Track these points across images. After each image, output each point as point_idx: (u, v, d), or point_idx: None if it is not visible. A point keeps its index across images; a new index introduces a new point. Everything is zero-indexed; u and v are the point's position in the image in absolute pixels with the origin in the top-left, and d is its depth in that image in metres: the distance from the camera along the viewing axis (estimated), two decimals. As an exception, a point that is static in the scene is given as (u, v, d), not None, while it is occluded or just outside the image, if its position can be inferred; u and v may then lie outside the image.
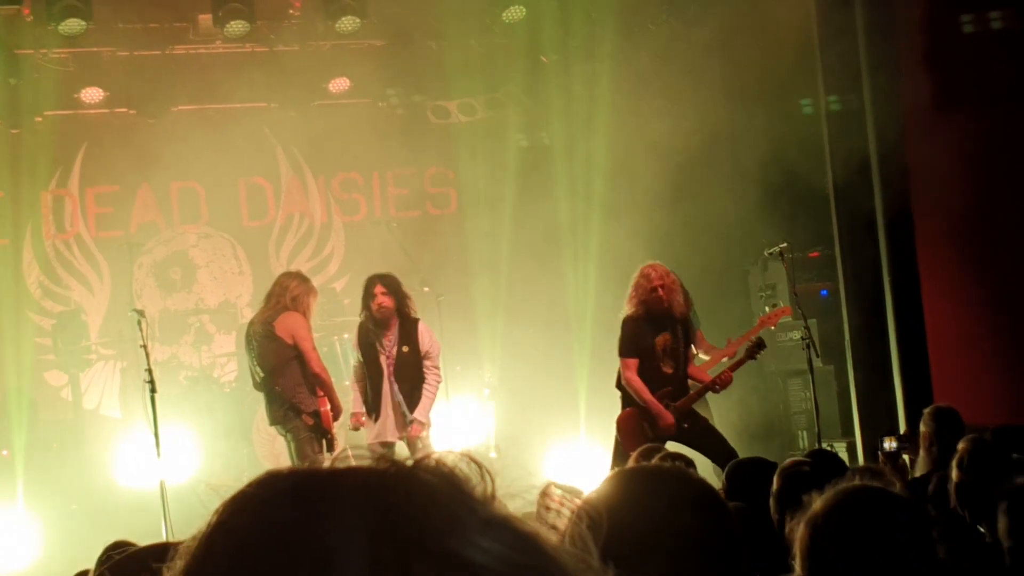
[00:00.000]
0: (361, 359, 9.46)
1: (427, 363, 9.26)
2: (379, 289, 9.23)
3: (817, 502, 2.35)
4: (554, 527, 0.99)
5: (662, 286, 8.72)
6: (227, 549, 0.94)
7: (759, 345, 8.88)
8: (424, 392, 9.20)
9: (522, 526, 0.95)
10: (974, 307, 10.67)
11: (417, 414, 9.14)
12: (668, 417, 8.67)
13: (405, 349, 9.19)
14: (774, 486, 3.78)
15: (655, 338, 8.78)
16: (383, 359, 9.27)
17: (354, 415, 9.44)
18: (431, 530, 0.92)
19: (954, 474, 4.40)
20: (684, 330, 8.94)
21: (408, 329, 9.24)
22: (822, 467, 3.76)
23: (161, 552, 4.92)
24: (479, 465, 1.00)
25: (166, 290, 13.55)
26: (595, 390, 12.13)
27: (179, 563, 0.97)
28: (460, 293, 13.16)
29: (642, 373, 8.76)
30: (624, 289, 9.20)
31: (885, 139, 9.77)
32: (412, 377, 9.22)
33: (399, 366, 9.23)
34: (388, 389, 9.23)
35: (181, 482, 10.72)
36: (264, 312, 9.26)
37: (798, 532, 2.34)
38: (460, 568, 0.91)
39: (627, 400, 8.92)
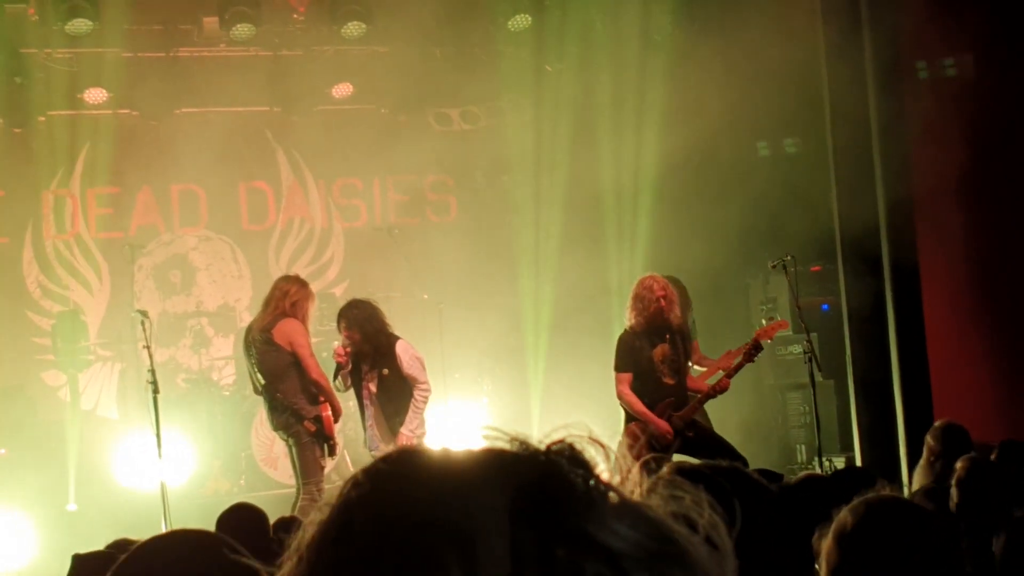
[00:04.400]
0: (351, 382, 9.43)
1: (418, 395, 9.10)
2: (342, 325, 9.16)
3: (845, 514, 2.35)
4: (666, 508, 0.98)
5: (664, 297, 8.73)
6: (367, 524, 0.94)
7: (756, 348, 8.87)
8: (410, 408, 9.11)
9: (653, 513, 0.95)
10: (975, 323, 10.68)
11: (403, 428, 9.09)
12: (664, 425, 8.66)
13: (386, 372, 9.09)
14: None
15: (653, 350, 8.77)
16: (364, 382, 9.23)
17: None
18: (569, 514, 0.92)
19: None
20: (682, 340, 8.95)
21: (384, 352, 9.10)
22: (851, 482, 3.76)
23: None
24: (607, 449, 1.00)
25: (165, 292, 13.53)
26: (594, 399, 12.13)
27: (308, 532, 0.97)
28: (459, 300, 13.15)
29: (643, 386, 8.72)
30: (623, 300, 9.20)
31: (890, 156, 9.79)
32: (397, 398, 9.12)
33: (382, 389, 9.14)
34: (370, 409, 9.20)
35: (180, 484, 10.72)
36: (263, 318, 9.21)
37: (825, 544, 2.35)
38: (598, 553, 0.91)
39: (628, 416, 8.90)
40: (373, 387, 9.15)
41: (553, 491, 0.93)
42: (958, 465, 4.93)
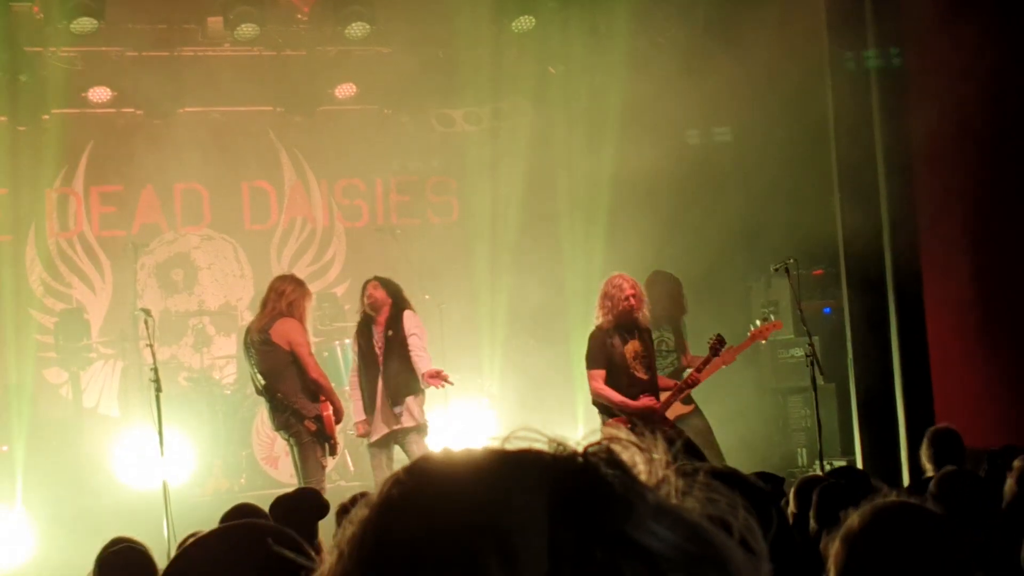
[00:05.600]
0: (358, 359, 9.53)
1: (413, 341, 9.24)
2: (372, 285, 9.43)
3: (853, 518, 2.35)
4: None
5: (633, 295, 8.83)
6: (408, 522, 0.95)
7: (720, 341, 8.94)
8: (413, 358, 9.21)
9: (691, 516, 0.97)
10: (977, 328, 10.69)
11: (422, 369, 9.17)
12: (647, 402, 8.72)
13: (390, 333, 9.28)
14: (814, 501, 3.77)
15: (625, 346, 8.85)
16: (376, 348, 9.35)
17: (358, 424, 9.48)
18: (608, 515, 0.93)
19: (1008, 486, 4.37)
20: (650, 338, 9.06)
21: (395, 316, 9.34)
22: (852, 484, 3.76)
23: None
24: (643, 451, 1.01)
25: (167, 291, 13.55)
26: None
27: (349, 529, 0.98)
28: (461, 302, 13.16)
29: (617, 381, 8.81)
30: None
31: (893, 157, 9.80)
32: (399, 358, 9.25)
33: (387, 350, 9.30)
34: (380, 380, 9.28)
35: (181, 483, 10.73)
36: (261, 319, 9.21)
37: (833, 548, 2.35)
38: (637, 555, 0.92)
39: (605, 413, 8.96)
40: (381, 351, 9.31)
41: (592, 492, 0.94)
42: (1016, 464, 4.94)
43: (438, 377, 9.22)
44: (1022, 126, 10.59)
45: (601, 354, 8.87)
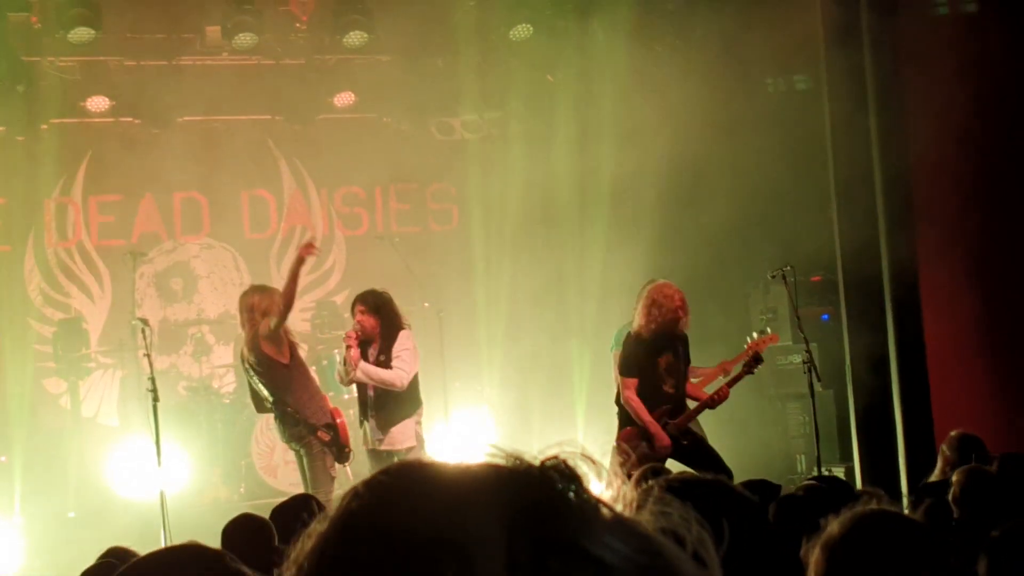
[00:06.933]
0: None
1: (397, 361, 8.97)
2: (358, 308, 9.11)
3: (833, 525, 2.35)
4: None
5: (681, 308, 8.71)
6: (366, 535, 0.96)
7: (756, 359, 8.86)
8: (384, 371, 8.97)
9: (643, 528, 0.98)
10: (975, 334, 10.69)
11: (363, 365, 8.92)
12: (665, 439, 8.68)
13: (383, 358, 9.12)
14: (771, 511, 3.77)
15: (659, 358, 8.77)
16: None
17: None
18: (562, 527, 0.95)
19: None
20: (685, 349, 8.96)
21: (389, 341, 9.10)
22: (832, 492, 3.77)
23: (166, 557, 4.91)
24: (598, 466, 1.02)
25: (167, 300, 13.56)
26: (594, 407, 12.14)
27: (308, 543, 0.99)
28: (461, 309, 13.17)
29: (644, 391, 8.74)
30: (625, 308, 9.21)
31: (889, 165, 9.80)
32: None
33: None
34: (372, 399, 9.20)
35: (180, 492, 10.73)
36: (247, 338, 9.16)
37: (813, 555, 2.35)
38: (591, 566, 0.93)
39: (625, 418, 8.92)
40: None
41: (547, 505, 0.96)
42: (955, 477, 4.93)
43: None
44: (1020, 130, 10.60)
45: (636, 363, 8.77)
